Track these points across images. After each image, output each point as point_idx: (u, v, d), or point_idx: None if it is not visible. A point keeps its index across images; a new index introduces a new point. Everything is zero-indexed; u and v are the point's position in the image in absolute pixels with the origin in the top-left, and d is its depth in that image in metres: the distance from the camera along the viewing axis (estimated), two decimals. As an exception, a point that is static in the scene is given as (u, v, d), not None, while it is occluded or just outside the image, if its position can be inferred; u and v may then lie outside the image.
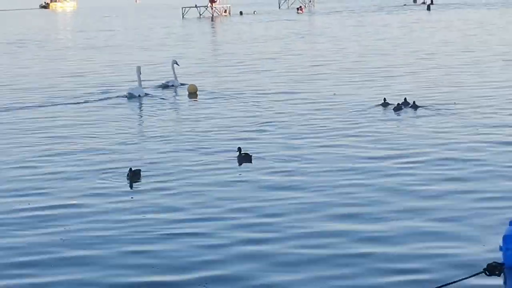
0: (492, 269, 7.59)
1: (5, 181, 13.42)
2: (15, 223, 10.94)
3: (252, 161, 14.10)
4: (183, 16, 72.24)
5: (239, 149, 14.33)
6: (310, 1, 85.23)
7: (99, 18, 78.79)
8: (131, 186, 12.75)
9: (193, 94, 23.19)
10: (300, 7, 76.95)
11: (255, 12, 74.77)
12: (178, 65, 25.75)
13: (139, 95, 23.10)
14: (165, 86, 25.09)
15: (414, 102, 19.25)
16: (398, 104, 19.11)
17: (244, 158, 14.18)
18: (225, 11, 74.30)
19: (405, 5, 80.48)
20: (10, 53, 40.35)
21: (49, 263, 9.33)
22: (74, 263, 9.32)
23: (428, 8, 70.09)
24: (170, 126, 18.49)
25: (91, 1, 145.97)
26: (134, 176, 13.04)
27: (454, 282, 7.96)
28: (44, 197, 12.30)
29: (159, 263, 9.21)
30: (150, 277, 8.80)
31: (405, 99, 19.39)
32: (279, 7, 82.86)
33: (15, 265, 9.30)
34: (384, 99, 19.73)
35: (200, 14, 72.72)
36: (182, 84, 24.63)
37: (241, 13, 73.44)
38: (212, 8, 73.79)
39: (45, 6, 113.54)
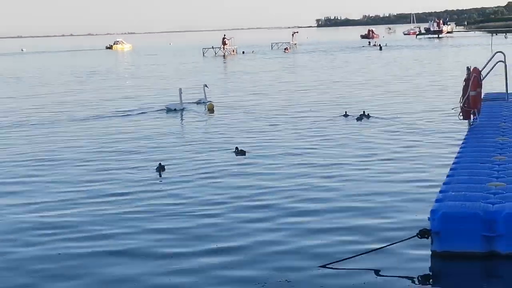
0: (422, 234, 7.54)
1: (67, 178, 13.02)
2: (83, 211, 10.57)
3: (246, 155, 14.03)
4: (203, 55, 72.21)
5: (236, 148, 14.42)
6: (294, 44, 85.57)
7: (146, 55, 78.87)
8: (159, 176, 12.51)
9: (211, 110, 23.00)
10: (287, 48, 77.52)
11: (254, 52, 74.75)
12: (208, 87, 25.66)
13: (175, 109, 22.97)
14: (197, 103, 24.86)
15: (368, 114, 19.27)
16: (360, 115, 19.12)
17: (240, 153, 14.13)
18: (233, 51, 74.21)
19: (363, 46, 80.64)
20: (80, 82, 40.12)
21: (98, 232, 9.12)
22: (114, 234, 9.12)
23: (380, 49, 70.26)
24: (192, 132, 18.31)
25: (142, 44, 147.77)
26: (161, 169, 12.79)
27: (394, 243, 7.89)
28: (95, 186, 12.02)
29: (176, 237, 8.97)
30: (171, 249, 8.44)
31: (363, 111, 19.43)
32: (271, 48, 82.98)
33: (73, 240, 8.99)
34: (346, 112, 19.89)
35: (216, 53, 72.77)
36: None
37: (243, 52, 73.35)
38: (224, 49, 73.95)
39: (109, 47, 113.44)
